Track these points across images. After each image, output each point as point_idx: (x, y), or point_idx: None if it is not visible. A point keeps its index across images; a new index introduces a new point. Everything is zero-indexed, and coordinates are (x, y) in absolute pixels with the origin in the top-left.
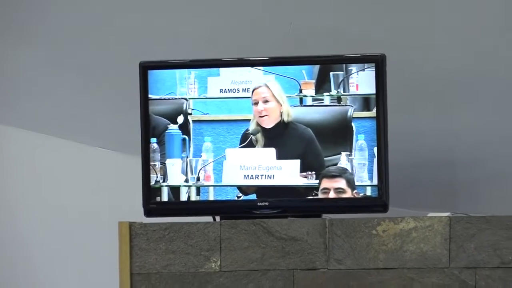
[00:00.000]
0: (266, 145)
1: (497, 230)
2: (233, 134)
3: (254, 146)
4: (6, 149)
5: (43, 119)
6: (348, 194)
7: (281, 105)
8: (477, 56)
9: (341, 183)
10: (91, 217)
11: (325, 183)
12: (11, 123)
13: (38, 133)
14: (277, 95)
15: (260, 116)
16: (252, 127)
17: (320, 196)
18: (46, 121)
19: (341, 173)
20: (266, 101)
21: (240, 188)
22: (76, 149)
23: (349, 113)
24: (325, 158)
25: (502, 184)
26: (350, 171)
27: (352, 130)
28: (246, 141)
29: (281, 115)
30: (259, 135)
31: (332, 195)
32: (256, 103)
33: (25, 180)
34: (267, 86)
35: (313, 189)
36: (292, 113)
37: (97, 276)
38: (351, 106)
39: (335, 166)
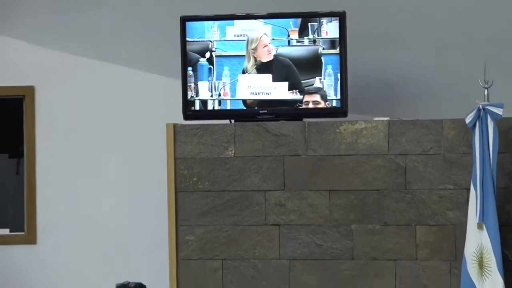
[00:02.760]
0: (260, 72)
1: (420, 129)
2: (243, 65)
3: (250, 73)
4: (86, 76)
5: (118, 54)
6: (322, 105)
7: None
8: (412, 10)
9: (317, 97)
10: (148, 120)
11: (306, 98)
12: (95, 57)
13: (111, 63)
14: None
15: (268, 53)
16: (250, 62)
17: (303, 106)
18: (120, 55)
19: (317, 90)
20: (266, 45)
21: (245, 102)
22: (138, 75)
23: (319, 51)
24: (304, 81)
25: (424, 99)
26: (324, 89)
27: (322, 62)
28: (249, 71)
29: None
30: (254, 68)
31: (311, 105)
32: (265, 46)
33: (103, 97)
34: (266, 35)
35: (296, 101)
36: (278, 51)
37: (150, 161)
38: (321, 46)
39: (313, 86)
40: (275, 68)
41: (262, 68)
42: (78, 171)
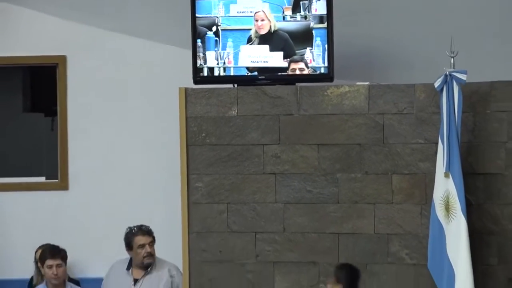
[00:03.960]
0: (260, 43)
1: (396, 92)
2: (245, 37)
3: (253, 44)
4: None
5: (138, 28)
6: (306, 71)
7: (270, 22)
8: None
9: (302, 64)
10: (163, 85)
11: (292, 65)
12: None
13: (132, 36)
14: (268, 16)
15: (260, 28)
16: (252, 33)
17: (290, 73)
18: (140, 29)
19: (301, 59)
20: (262, 20)
21: (248, 68)
22: (155, 46)
23: (311, 25)
24: (297, 51)
25: (399, 66)
26: (305, 59)
27: (313, 35)
28: (251, 41)
29: (270, 27)
30: (257, 38)
31: (297, 72)
32: (257, 20)
33: (124, 65)
34: (263, 11)
35: (287, 68)
36: (277, 25)
37: (165, 120)
38: (312, 21)
39: (297, 55)
40: (274, 40)
41: (262, 39)
42: (104, 127)
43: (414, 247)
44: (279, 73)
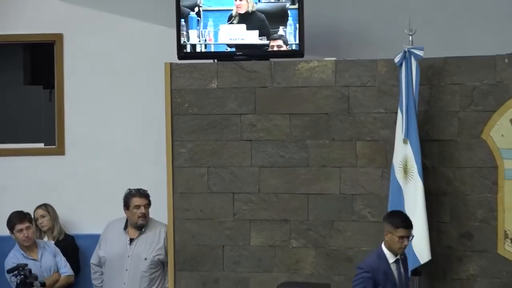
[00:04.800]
0: (239, 22)
1: (360, 67)
2: (225, 17)
3: (233, 23)
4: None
5: (127, 8)
6: (284, 48)
7: (248, 3)
8: None
9: (280, 42)
10: (150, 60)
11: (272, 43)
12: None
13: (122, 16)
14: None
15: (238, 7)
16: (233, 12)
17: (269, 49)
18: (129, 10)
19: (280, 37)
20: (241, 0)
21: (228, 44)
22: (143, 25)
23: (286, 6)
24: (272, 30)
25: (363, 44)
26: (284, 36)
27: (288, 15)
28: (230, 20)
29: (248, 7)
30: (236, 17)
31: (275, 48)
32: (236, 0)
33: (116, 42)
34: None
35: (264, 45)
36: (255, 6)
37: (152, 91)
38: (287, 2)
39: (276, 34)
40: (252, 20)
41: (241, 18)
42: (97, 99)
43: (375, 206)
44: (255, 50)
